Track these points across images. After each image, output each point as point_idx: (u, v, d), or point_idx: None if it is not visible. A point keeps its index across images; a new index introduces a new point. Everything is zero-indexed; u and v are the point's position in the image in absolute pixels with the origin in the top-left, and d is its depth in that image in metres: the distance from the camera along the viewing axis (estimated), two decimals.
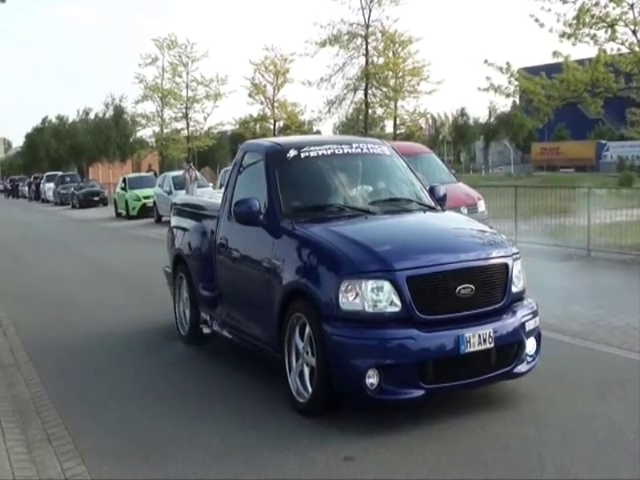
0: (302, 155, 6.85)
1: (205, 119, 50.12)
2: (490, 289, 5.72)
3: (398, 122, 41.71)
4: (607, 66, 22.08)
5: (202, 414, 6.04)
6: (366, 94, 40.19)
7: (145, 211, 30.03)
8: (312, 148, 6.93)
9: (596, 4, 21.36)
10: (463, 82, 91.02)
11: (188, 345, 8.08)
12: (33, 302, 11.44)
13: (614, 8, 21.67)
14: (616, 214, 15.09)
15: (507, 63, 24.47)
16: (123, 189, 32.80)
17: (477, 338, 5.46)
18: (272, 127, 49.47)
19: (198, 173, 29.46)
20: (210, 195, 9.65)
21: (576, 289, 10.27)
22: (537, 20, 22.34)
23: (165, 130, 50.76)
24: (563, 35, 22.69)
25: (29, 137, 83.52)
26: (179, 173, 29.08)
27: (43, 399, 6.60)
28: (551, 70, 24.57)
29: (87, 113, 67.85)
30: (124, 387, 6.88)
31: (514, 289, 5.87)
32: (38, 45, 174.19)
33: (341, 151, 7.01)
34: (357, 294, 5.41)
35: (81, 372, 7.44)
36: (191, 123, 50.33)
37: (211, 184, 30.66)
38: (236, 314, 7.15)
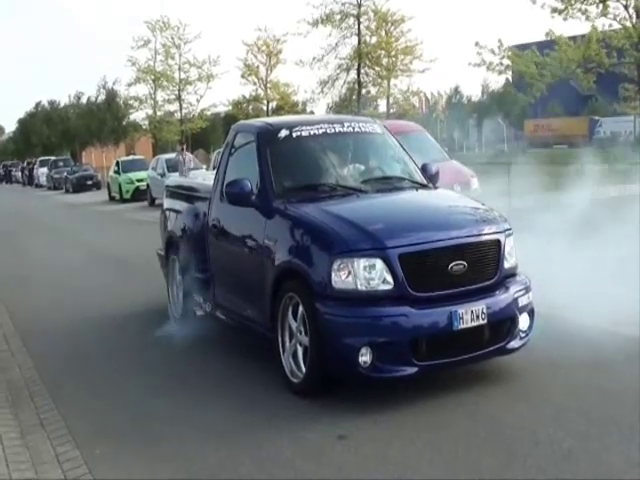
0: (294, 135, 6.82)
1: (198, 101, 50.04)
2: (482, 265, 5.74)
3: (391, 101, 41.64)
4: (599, 42, 22.04)
5: (197, 395, 6.05)
6: (359, 73, 40.12)
7: (139, 194, 30.00)
8: (304, 128, 6.90)
9: None
10: (456, 60, 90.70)
11: (181, 328, 7.98)
12: (27, 287, 11.42)
13: None
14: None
15: (499, 41, 24.42)
16: (116, 172, 32.75)
17: (470, 314, 5.48)
18: (265, 108, 49.32)
19: (191, 155, 29.37)
20: (203, 177, 9.58)
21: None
22: None
23: (158, 113, 50.61)
24: (555, 11, 22.69)
25: (22, 122, 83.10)
26: (172, 156, 28.99)
27: (37, 384, 6.60)
28: (543, 47, 24.47)
29: (79, 97, 67.48)
30: (118, 371, 6.87)
31: (506, 265, 5.89)
32: (29, 30, 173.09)
33: (333, 130, 6.99)
34: (349, 273, 5.44)
35: (75, 356, 7.43)
36: (184, 105, 50.25)
37: (204, 166, 30.60)
38: (229, 296, 7.13)
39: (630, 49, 22.75)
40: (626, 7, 22.60)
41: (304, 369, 5.76)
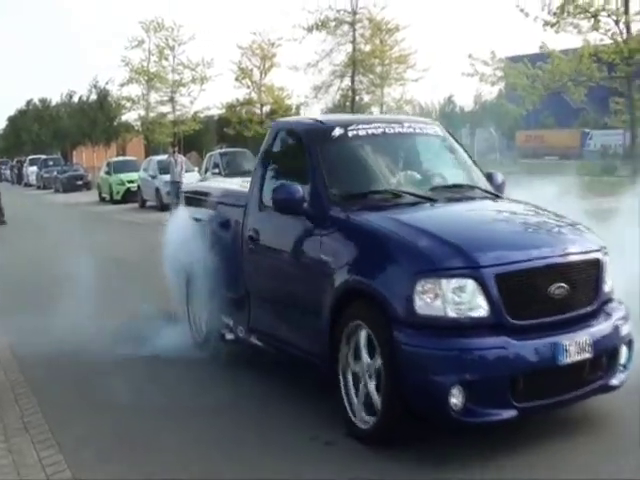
0: (349, 134, 6.03)
1: (192, 103, 49.96)
2: (583, 288, 4.98)
3: (385, 109, 41.71)
4: (591, 56, 22.21)
5: (189, 407, 5.97)
6: (353, 81, 40.15)
7: (129, 196, 29.98)
8: (360, 126, 6.12)
9: None
10: (450, 70, 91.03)
11: (202, 352, 7.17)
12: (15, 288, 11.33)
13: None
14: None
15: (492, 52, 24.54)
16: (107, 173, 32.76)
17: (575, 346, 4.73)
18: (259, 111, 49.30)
19: (183, 157, 29.40)
20: (224, 182, 8.80)
21: None
22: (522, 10, 22.49)
23: (151, 114, 50.50)
24: (547, 24, 22.86)
25: (12, 120, 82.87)
26: (164, 157, 29.04)
27: (22, 386, 6.58)
28: (536, 59, 24.63)
29: (71, 96, 67.30)
30: (106, 375, 6.73)
31: (606, 288, 5.16)
32: (21, 27, 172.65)
33: (392, 130, 6.23)
34: (436, 295, 4.61)
35: (63, 361, 7.28)
36: (177, 107, 50.15)
37: (196, 168, 30.62)
38: (270, 319, 6.25)
39: (621, 64, 22.95)
40: (617, 22, 22.79)
41: (377, 411, 4.89)
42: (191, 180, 22.82)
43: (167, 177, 24.60)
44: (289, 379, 6.34)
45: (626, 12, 23.40)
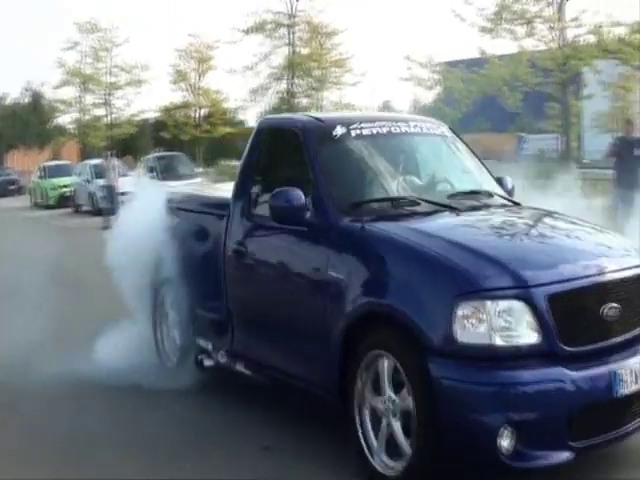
0: (352, 133, 5.31)
1: (128, 106, 49.35)
2: (634, 307, 4.41)
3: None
4: (527, 62, 22.60)
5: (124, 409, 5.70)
6: (292, 84, 40.13)
7: (64, 200, 29.45)
8: (363, 125, 5.39)
9: (517, 0, 21.82)
10: (388, 75, 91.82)
11: (172, 380, 6.16)
12: None
13: (534, 5, 22.22)
14: None
15: (429, 57, 24.78)
16: (40, 177, 32.12)
17: (631, 375, 4.16)
18: (195, 115, 48.93)
19: (118, 161, 28.94)
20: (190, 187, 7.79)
21: None
22: (458, 15, 22.76)
23: (86, 117, 49.72)
24: (484, 30, 23.20)
25: None
26: (99, 161, 28.58)
27: None
28: (472, 64, 24.96)
29: (3, 99, 65.84)
30: (41, 408, 5.85)
31: None
32: None
33: (398, 130, 5.55)
34: (480, 320, 3.93)
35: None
36: (113, 110, 49.46)
37: (132, 173, 30.15)
38: (260, 344, 5.49)
39: (556, 70, 23.37)
40: (552, 29, 23.21)
41: (404, 457, 4.19)
42: (126, 185, 22.56)
43: (102, 181, 24.18)
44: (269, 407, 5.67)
45: (559, 19, 23.89)
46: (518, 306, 3.97)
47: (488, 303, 3.94)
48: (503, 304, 3.96)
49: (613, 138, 15.81)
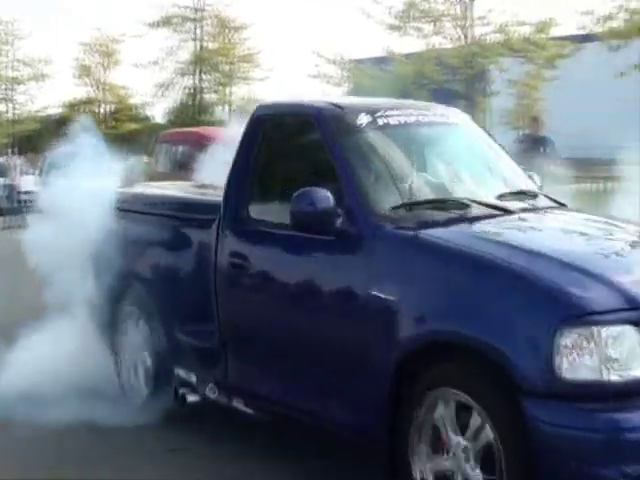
0: (379, 122, 4.41)
1: (31, 102, 47.93)
2: None
3: (233, 108, 41.51)
4: (434, 59, 22.88)
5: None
6: (200, 79, 39.70)
7: None
8: (388, 113, 4.48)
9: None
10: (296, 71, 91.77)
11: (140, 415, 5.10)
12: None
13: (442, 3, 22.55)
14: None
15: (338, 54, 24.83)
16: None
17: None
18: (101, 110, 47.90)
19: (20, 159, 28.06)
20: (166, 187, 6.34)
21: None
22: (366, 13, 22.87)
23: None
24: (391, 28, 23.40)
25: None
26: (0, 159, 27.67)
27: None
28: (379, 62, 25.15)
29: None
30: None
31: None
32: None
33: (425, 119, 4.71)
34: (588, 351, 3.17)
35: None
36: (15, 106, 47.99)
37: (35, 171, 29.27)
38: (266, 377, 4.53)
39: (462, 67, 23.75)
40: (461, 27, 23.60)
41: None
42: (28, 184, 21.85)
43: (3, 180, 23.39)
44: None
45: (465, 17, 24.32)
46: (631, 332, 3.22)
47: (596, 330, 3.18)
48: (614, 330, 3.21)
49: (518, 135, 16.07)
